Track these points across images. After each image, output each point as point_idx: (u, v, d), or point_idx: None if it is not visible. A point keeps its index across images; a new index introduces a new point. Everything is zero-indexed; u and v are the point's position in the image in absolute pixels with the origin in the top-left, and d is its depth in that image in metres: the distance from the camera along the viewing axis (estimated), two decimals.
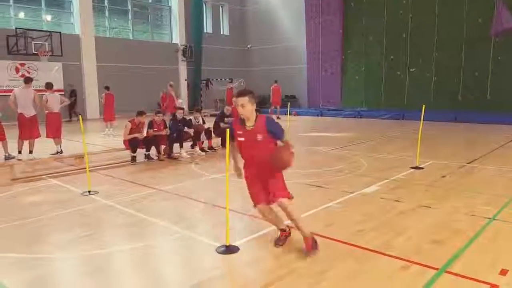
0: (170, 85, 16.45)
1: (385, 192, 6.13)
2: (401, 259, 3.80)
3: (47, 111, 9.91)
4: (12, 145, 9.40)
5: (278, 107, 19.97)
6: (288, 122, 10.64)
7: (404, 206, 5.44)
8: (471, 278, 3.40)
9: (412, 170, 7.67)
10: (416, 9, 19.98)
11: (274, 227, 4.72)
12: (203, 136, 10.24)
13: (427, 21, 19.59)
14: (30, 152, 9.43)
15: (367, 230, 4.60)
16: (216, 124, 10.84)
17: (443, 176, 7.14)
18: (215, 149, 10.45)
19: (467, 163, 8.21)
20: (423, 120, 8.23)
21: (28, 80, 9.55)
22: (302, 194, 6.28)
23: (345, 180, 7.02)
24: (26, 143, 9.42)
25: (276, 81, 20.73)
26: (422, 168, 7.78)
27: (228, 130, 4.39)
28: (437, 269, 3.58)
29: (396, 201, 5.67)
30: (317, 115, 21.34)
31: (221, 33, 28.20)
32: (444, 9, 19.13)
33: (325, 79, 23.84)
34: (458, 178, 7.02)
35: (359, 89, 22.50)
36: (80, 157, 8.64)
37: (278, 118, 18.36)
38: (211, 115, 17.34)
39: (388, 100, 21.25)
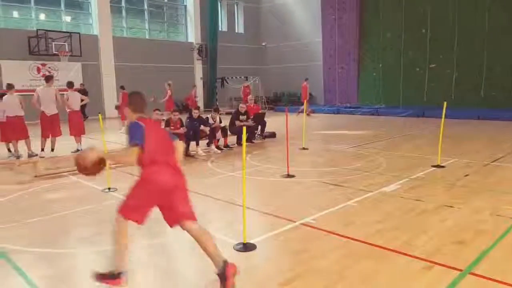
0: (169, 84, 16.47)
1: (405, 191, 6.00)
2: (422, 259, 3.71)
3: (68, 110, 10.13)
4: (35, 143, 9.62)
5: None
6: (304, 120, 10.54)
7: (425, 205, 5.31)
8: (496, 281, 3.28)
9: (433, 168, 7.49)
10: (435, 3, 19.56)
11: (291, 224, 4.69)
12: (218, 134, 10.24)
13: (447, 16, 19.16)
14: (52, 150, 9.65)
15: (387, 229, 4.50)
16: (231, 122, 10.86)
17: (466, 175, 6.95)
18: (230, 147, 10.45)
19: (491, 162, 7.98)
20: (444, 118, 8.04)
21: (49, 79, 9.76)
22: (319, 192, 6.21)
23: (363, 178, 6.90)
24: (48, 141, 9.65)
25: (306, 79, 20.50)
26: (443, 166, 7.60)
27: (244, 128, 4.38)
28: (460, 270, 3.48)
29: (417, 200, 5.54)
30: (334, 113, 21.12)
31: (236, 31, 28.21)
32: (465, 2, 18.68)
33: (342, 76, 23.60)
34: (481, 177, 6.82)
35: (377, 86, 22.17)
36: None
37: (298, 114, 18.28)
38: (226, 113, 17.35)
39: (407, 97, 20.85)
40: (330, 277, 3.44)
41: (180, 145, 3.66)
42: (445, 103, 7.95)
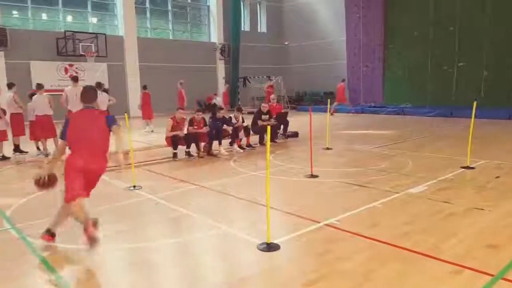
0: (181, 83, 16.49)
1: (433, 193, 5.84)
2: (451, 263, 3.60)
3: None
4: None
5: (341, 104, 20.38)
6: (327, 120, 10.42)
7: (454, 208, 5.16)
8: None
9: (462, 170, 7.27)
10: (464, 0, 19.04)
11: (315, 225, 4.64)
12: (241, 133, 10.24)
13: (477, 12, 18.58)
14: None
15: (414, 232, 4.39)
16: (253, 122, 10.84)
17: (497, 177, 6.71)
18: (253, 147, 10.43)
19: None
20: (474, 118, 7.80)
21: (76, 79, 10.01)
22: (343, 193, 6.12)
23: (389, 179, 6.76)
24: None
25: (343, 80, 21.06)
26: (473, 168, 7.36)
27: (269, 128, 4.35)
28: (492, 275, 3.35)
29: (445, 202, 5.38)
30: (358, 112, 20.84)
31: (259, 30, 28.20)
32: None
33: (366, 75, 23.24)
34: None
35: (403, 85, 21.71)
36: (125, 153, 8.87)
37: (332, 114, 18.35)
38: (249, 113, 17.35)
39: (434, 96, 20.31)
40: (355, 279, 3.37)
41: (117, 131, 4.39)
42: (474, 103, 7.71)
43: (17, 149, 9.95)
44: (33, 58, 18.36)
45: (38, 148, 10.06)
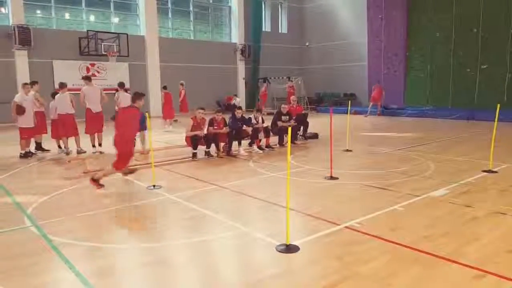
0: (181, 84, 16.46)
1: (455, 197, 5.76)
2: (473, 267, 3.55)
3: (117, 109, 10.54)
4: (85, 141, 10.06)
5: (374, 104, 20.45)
6: (348, 121, 10.35)
7: (476, 212, 5.08)
8: None
9: (484, 173, 7.14)
10: (487, 1, 18.61)
11: (335, 227, 4.64)
12: (261, 134, 10.26)
13: (500, 14, 18.15)
14: (100, 145, 10.03)
15: (436, 235, 4.34)
16: (273, 123, 10.85)
17: None
18: (272, 148, 10.44)
19: None
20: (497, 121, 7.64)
21: (89, 78, 10.23)
22: (363, 195, 6.09)
23: (410, 182, 6.69)
24: (95, 138, 10.06)
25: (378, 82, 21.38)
26: (495, 171, 7.22)
27: (290, 128, 4.37)
28: None
29: (467, 206, 5.30)
30: (378, 114, 20.59)
31: (280, 31, 28.19)
32: None
33: (388, 77, 22.94)
34: None
35: (425, 87, 21.40)
36: (145, 152, 9.03)
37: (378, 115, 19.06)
38: (268, 114, 17.35)
39: (457, 99, 19.97)
40: (375, 282, 3.36)
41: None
42: (498, 105, 7.57)
43: (39, 147, 10.20)
44: (56, 57, 18.76)
45: (59, 147, 10.25)
